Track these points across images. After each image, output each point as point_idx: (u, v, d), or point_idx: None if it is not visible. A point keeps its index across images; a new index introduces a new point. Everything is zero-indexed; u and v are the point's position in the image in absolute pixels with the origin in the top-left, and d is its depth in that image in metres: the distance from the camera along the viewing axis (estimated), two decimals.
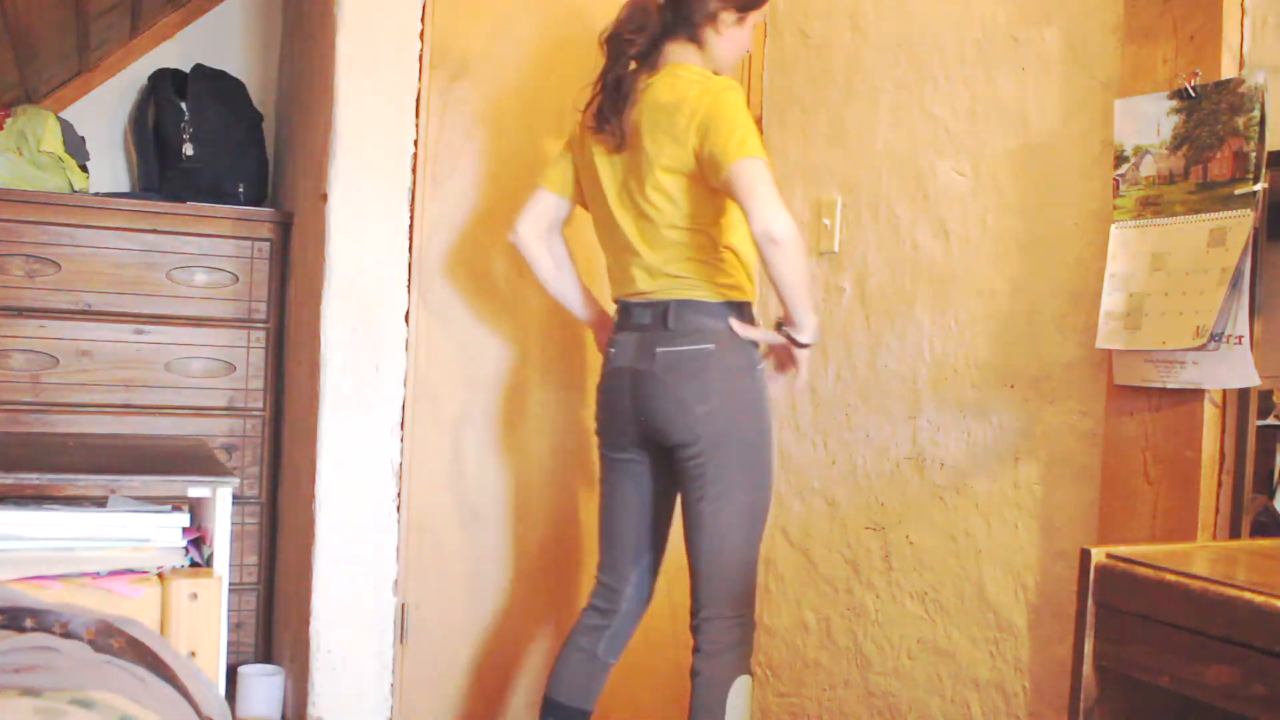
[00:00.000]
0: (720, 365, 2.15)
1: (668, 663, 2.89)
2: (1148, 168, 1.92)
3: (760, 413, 2.20)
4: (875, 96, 2.60)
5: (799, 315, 2.14)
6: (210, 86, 3.35)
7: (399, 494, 2.67)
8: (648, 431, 2.22)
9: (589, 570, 2.83)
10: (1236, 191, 1.78)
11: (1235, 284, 1.76)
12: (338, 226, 2.60)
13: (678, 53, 2.21)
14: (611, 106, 2.20)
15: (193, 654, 1.53)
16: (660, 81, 2.18)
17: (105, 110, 3.52)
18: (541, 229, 2.35)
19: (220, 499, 1.66)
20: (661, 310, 2.18)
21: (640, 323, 2.21)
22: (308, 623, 2.62)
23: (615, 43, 2.22)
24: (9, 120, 3.10)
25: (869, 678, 2.55)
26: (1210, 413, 1.84)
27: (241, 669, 2.96)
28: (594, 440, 2.40)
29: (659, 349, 2.17)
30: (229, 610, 1.65)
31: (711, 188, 2.12)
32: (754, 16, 2.24)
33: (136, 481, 1.69)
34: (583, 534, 2.81)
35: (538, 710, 2.32)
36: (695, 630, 2.22)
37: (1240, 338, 1.76)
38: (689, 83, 2.16)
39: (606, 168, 2.24)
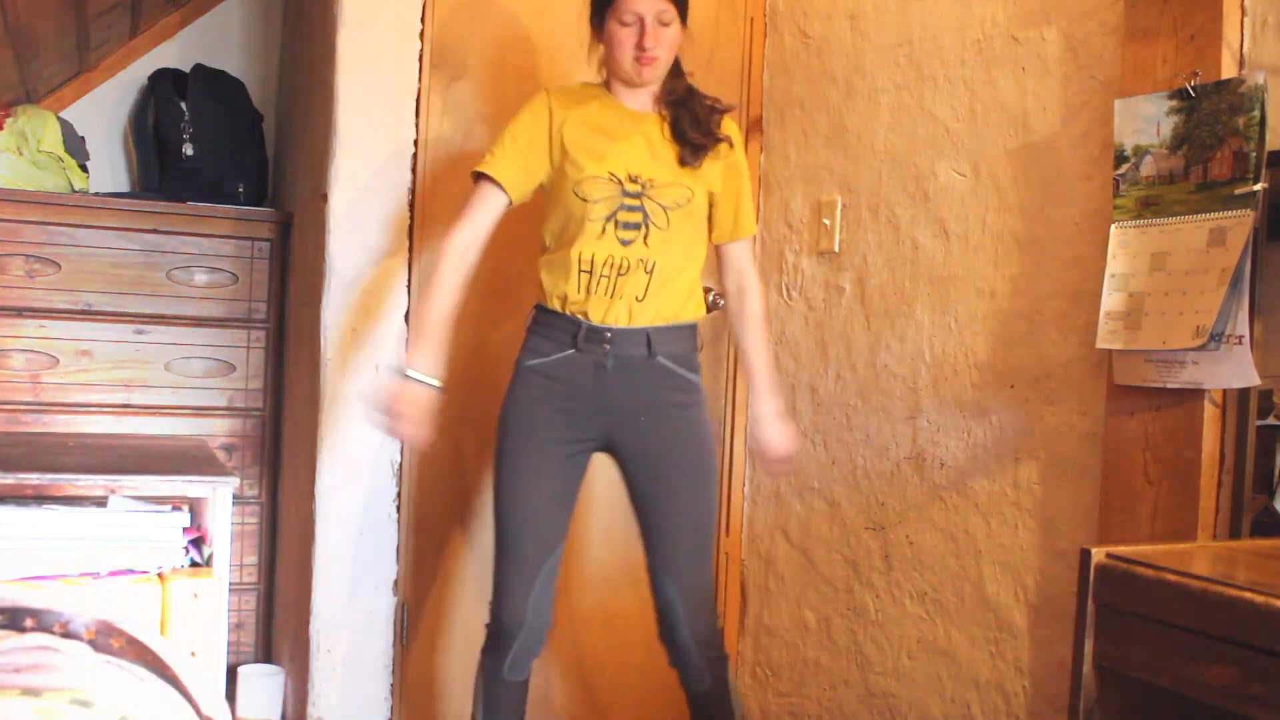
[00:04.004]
0: None
1: (668, 663, 2.89)
2: (1148, 168, 1.92)
3: None
4: (875, 96, 2.60)
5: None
6: (210, 86, 3.35)
7: (399, 494, 2.67)
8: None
9: (587, 569, 2.83)
10: (1236, 191, 1.78)
11: (1235, 284, 1.76)
12: (338, 226, 2.60)
13: None
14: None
15: (193, 654, 1.53)
16: None
17: (105, 110, 3.51)
18: None
19: (220, 499, 1.67)
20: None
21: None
22: (308, 623, 2.62)
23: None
24: (9, 120, 3.10)
25: (869, 678, 2.55)
26: (1210, 413, 1.84)
27: (241, 669, 2.96)
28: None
29: None
30: (229, 610, 1.65)
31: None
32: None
33: (136, 481, 1.69)
34: (582, 532, 2.81)
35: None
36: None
37: (1240, 338, 1.76)
38: None
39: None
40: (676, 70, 2.26)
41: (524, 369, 2.21)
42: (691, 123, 2.19)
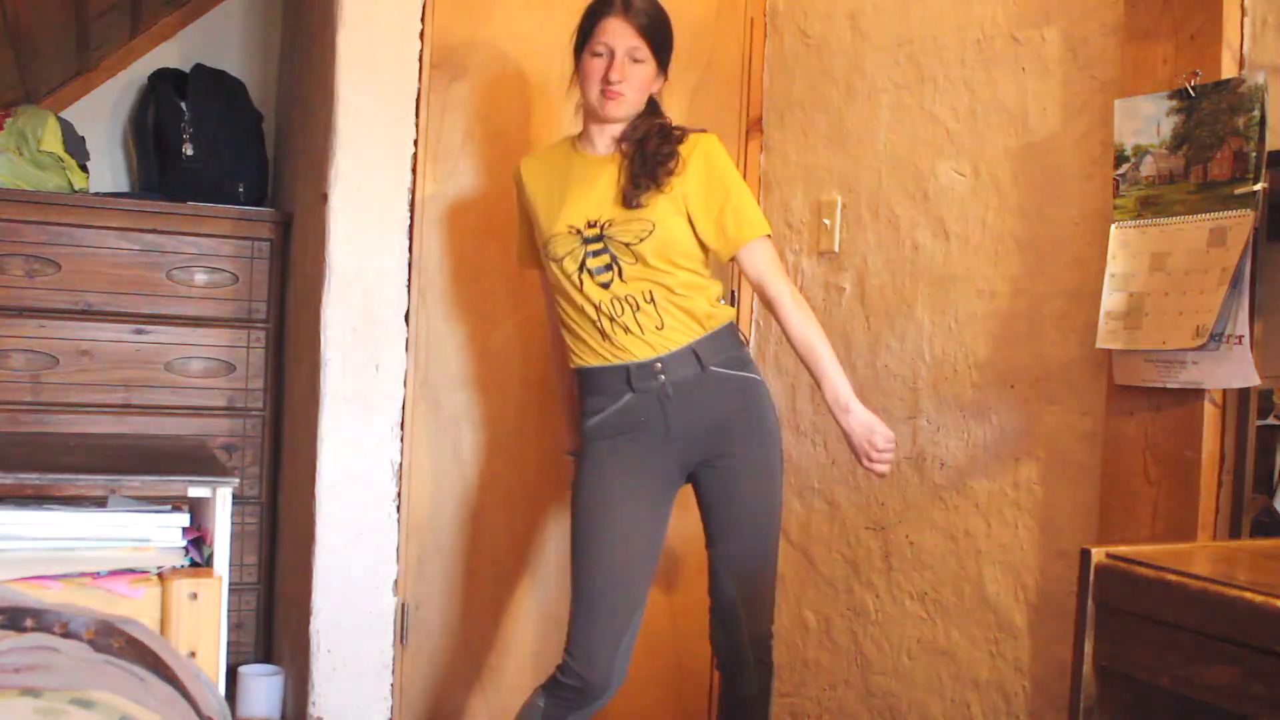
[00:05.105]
0: None
1: (668, 664, 2.89)
2: (1148, 168, 1.92)
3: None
4: (875, 96, 2.60)
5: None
6: (210, 86, 3.35)
7: (399, 494, 2.67)
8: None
9: None
10: (1236, 191, 1.78)
11: (1235, 284, 1.76)
12: (338, 226, 2.60)
13: None
14: None
15: (193, 654, 1.52)
16: None
17: (105, 110, 3.52)
18: None
19: (220, 499, 1.66)
20: None
21: None
22: (308, 623, 2.62)
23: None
24: (9, 120, 3.10)
25: (869, 678, 2.55)
26: (1210, 413, 1.84)
27: (241, 669, 2.96)
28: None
29: None
30: (229, 610, 1.65)
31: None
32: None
33: (136, 481, 1.69)
34: None
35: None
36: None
37: (1240, 338, 1.76)
38: None
39: None
40: (651, 109, 2.22)
41: (588, 430, 2.18)
42: (640, 163, 2.14)
